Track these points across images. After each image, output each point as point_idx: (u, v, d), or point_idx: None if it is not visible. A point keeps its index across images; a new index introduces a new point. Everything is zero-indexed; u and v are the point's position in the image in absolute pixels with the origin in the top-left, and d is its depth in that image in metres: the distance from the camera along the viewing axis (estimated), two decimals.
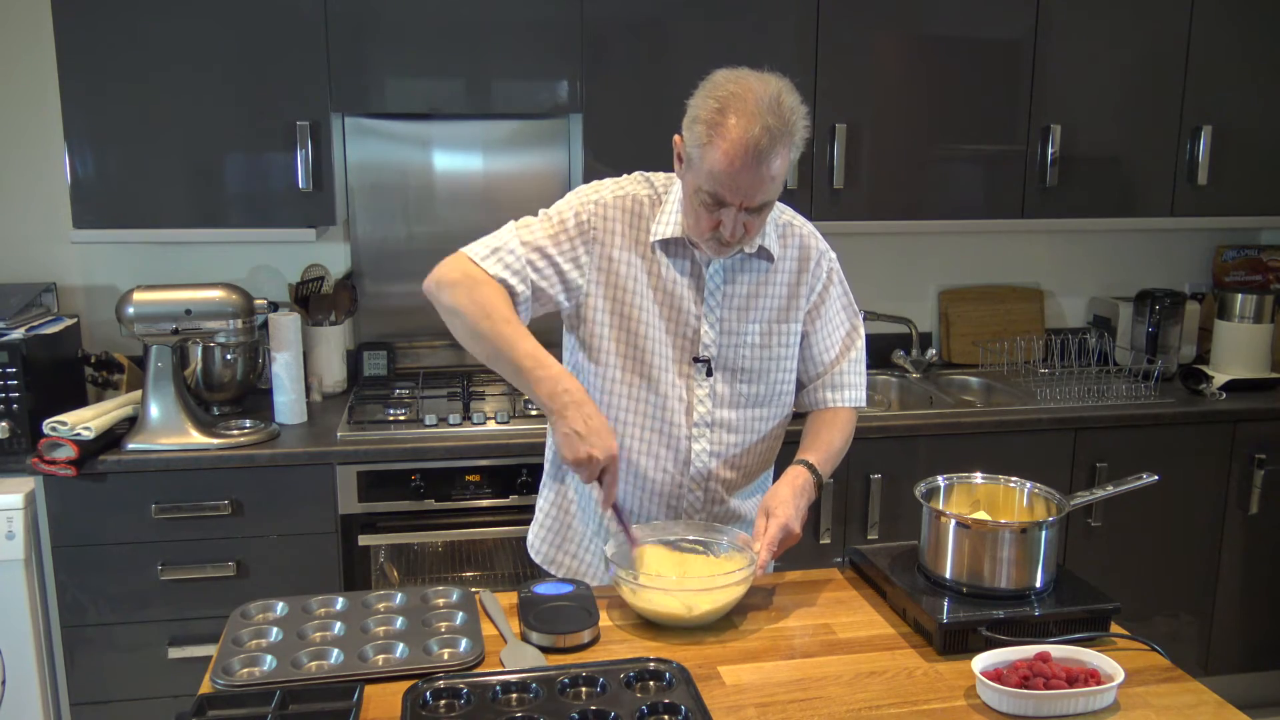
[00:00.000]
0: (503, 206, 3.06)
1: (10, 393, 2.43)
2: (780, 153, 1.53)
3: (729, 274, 1.74)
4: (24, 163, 2.87)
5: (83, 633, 2.48)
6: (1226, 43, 2.97)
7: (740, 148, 1.50)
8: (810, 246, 1.80)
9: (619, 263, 1.71)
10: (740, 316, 1.75)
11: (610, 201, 1.72)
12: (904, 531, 2.70)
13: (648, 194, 1.74)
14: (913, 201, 2.93)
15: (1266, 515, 2.99)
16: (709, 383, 1.75)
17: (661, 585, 1.56)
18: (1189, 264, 3.54)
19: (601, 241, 1.71)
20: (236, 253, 2.99)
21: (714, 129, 1.52)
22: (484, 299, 1.64)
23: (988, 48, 2.87)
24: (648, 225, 1.72)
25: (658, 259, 1.72)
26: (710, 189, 1.56)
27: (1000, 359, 3.25)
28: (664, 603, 1.54)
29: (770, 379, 1.79)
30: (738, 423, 1.78)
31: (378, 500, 2.52)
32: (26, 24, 2.79)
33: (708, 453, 1.77)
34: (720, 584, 1.55)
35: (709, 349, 1.74)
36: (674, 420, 1.75)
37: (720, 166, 1.52)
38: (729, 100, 1.52)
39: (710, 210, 1.59)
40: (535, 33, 2.65)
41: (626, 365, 1.74)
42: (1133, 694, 1.40)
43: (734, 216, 1.58)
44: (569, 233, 1.71)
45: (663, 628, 1.56)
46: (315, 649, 1.47)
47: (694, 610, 1.54)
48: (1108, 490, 1.68)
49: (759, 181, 1.54)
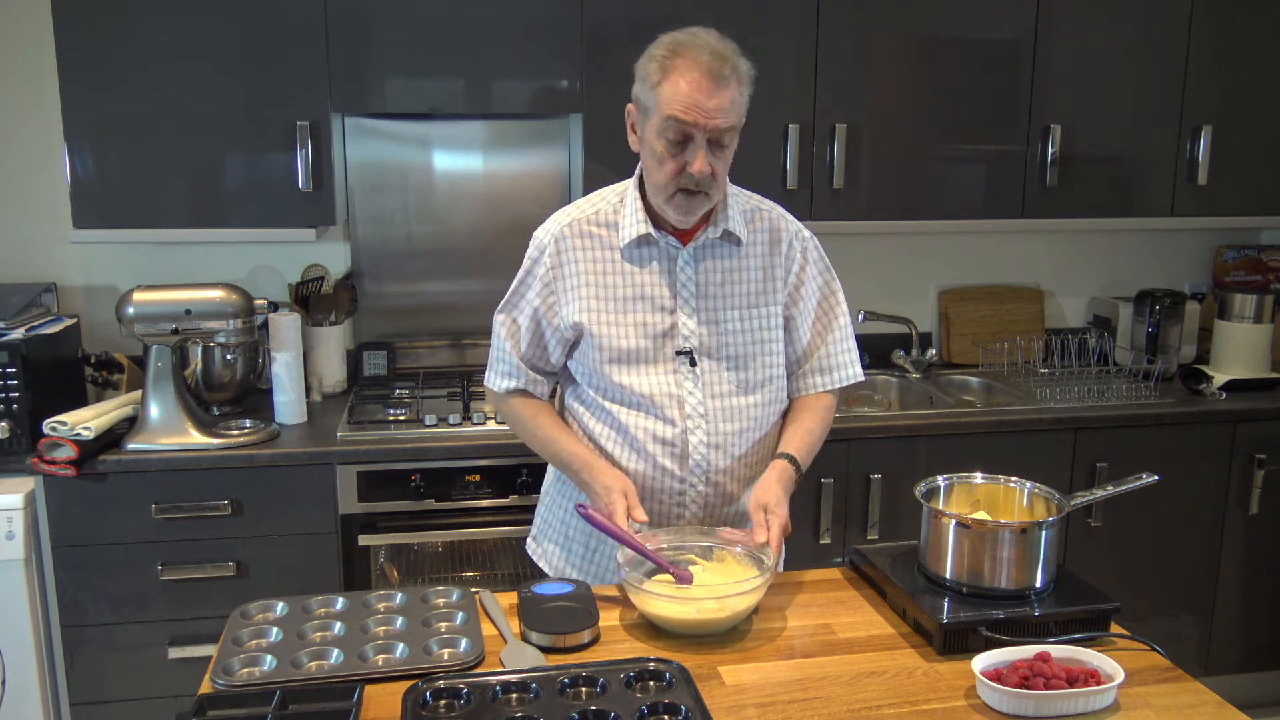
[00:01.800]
0: (503, 206, 3.07)
1: (10, 393, 2.43)
2: (733, 78, 1.60)
3: (699, 261, 1.76)
4: (24, 163, 2.87)
5: (83, 633, 2.48)
6: (1226, 43, 2.97)
7: (696, 69, 1.58)
8: (780, 229, 1.81)
9: (586, 278, 1.75)
10: (717, 304, 1.76)
11: (559, 233, 1.77)
12: (904, 531, 2.70)
13: (596, 209, 1.78)
14: (913, 201, 2.93)
15: (1266, 515, 2.99)
16: (695, 373, 1.76)
17: (708, 594, 1.54)
18: (1189, 264, 3.53)
19: (564, 267, 1.76)
20: (236, 253, 2.99)
21: (666, 63, 1.60)
22: (510, 414, 1.88)
23: (988, 48, 2.87)
24: (607, 236, 1.76)
25: (627, 261, 1.75)
26: (672, 118, 1.59)
27: (1000, 359, 3.25)
28: (706, 610, 1.53)
29: (757, 363, 1.79)
30: (731, 411, 1.78)
31: (378, 500, 2.52)
32: (26, 24, 2.79)
33: (705, 444, 1.76)
34: (751, 586, 1.54)
35: (690, 339, 1.75)
36: (668, 416, 1.75)
37: (680, 90, 1.58)
38: (675, 42, 1.62)
39: (674, 152, 1.62)
40: (535, 33, 2.65)
41: (613, 370, 1.75)
42: (1133, 694, 1.40)
43: (699, 152, 1.61)
44: (535, 283, 1.79)
45: (663, 629, 1.56)
46: (315, 649, 1.47)
47: (730, 611, 1.54)
48: (1108, 490, 1.68)
49: (719, 103, 1.58)
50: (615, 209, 1.77)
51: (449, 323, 3.13)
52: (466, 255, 3.08)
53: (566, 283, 1.76)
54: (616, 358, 1.75)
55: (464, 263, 3.09)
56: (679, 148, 1.62)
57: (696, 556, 1.67)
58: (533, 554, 1.98)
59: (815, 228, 1.85)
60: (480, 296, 3.10)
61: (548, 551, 1.93)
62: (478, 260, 3.09)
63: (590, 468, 1.74)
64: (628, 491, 1.69)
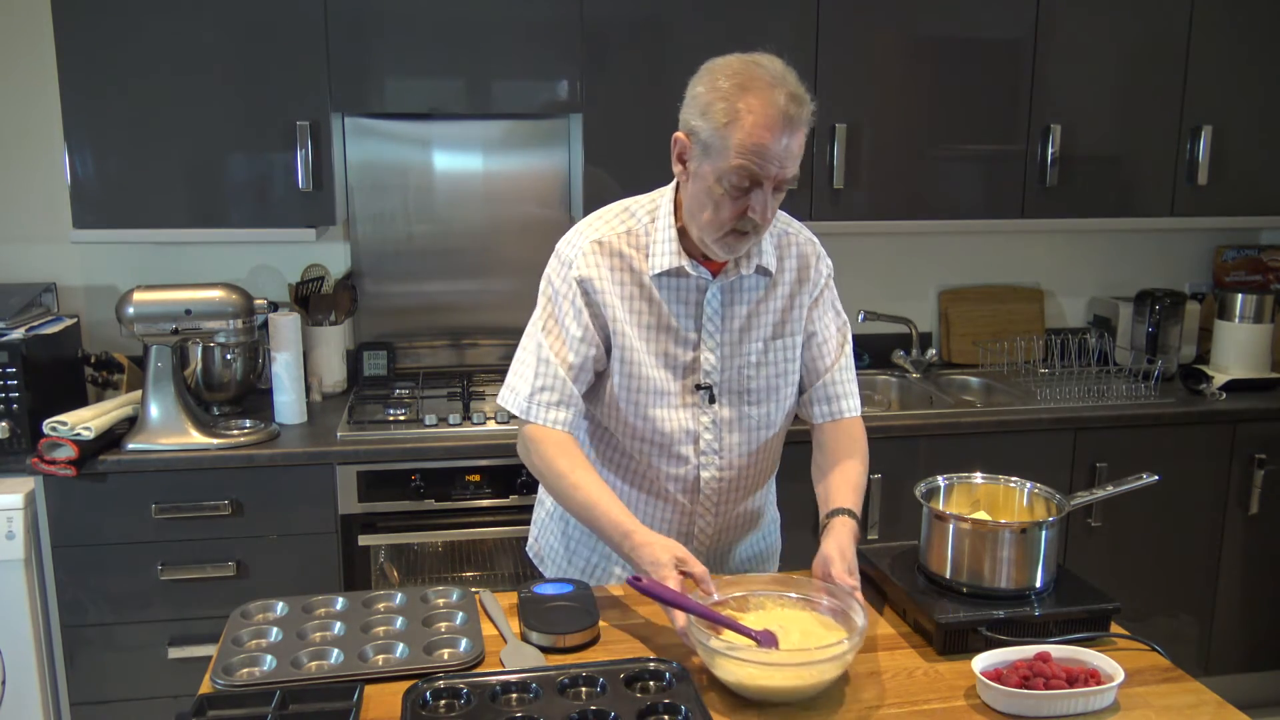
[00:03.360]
0: (503, 206, 3.07)
1: (10, 393, 2.43)
2: (804, 121, 1.50)
3: (727, 296, 1.68)
4: (24, 163, 2.87)
5: (83, 633, 2.48)
6: (1226, 43, 2.97)
7: (773, 114, 1.46)
8: (808, 254, 1.75)
9: (613, 298, 1.66)
10: (741, 338, 1.70)
11: (587, 249, 1.66)
12: (904, 531, 2.70)
13: (627, 227, 1.68)
14: (913, 201, 2.93)
15: (1266, 515, 2.99)
16: (713, 410, 1.71)
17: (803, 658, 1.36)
18: (1189, 264, 3.53)
19: (593, 282, 1.65)
20: (236, 253, 2.99)
21: (736, 103, 1.47)
22: (542, 458, 1.65)
23: (988, 48, 2.87)
24: (634, 260, 1.66)
25: (652, 292, 1.66)
26: (743, 167, 1.48)
27: (1000, 359, 3.25)
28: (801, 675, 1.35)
29: (774, 399, 1.74)
30: (744, 447, 1.75)
31: (378, 500, 2.52)
32: (26, 24, 2.79)
33: (716, 480, 1.74)
34: (848, 647, 1.36)
35: (710, 375, 1.70)
36: (680, 453, 1.72)
37: (754, 138, 1.46)
38: (743, 78, 1.48)
39: (736, 197, 1.52)
40: (535, 33, 2.65)
41: (629, 403, 1.70)
42: (1133, 694, 1.40)
43: (765, 197, 1.52)
44: (571, 294, 1.66)
45: (662, 628, 1.56)
46: (315, 649, 1.47)
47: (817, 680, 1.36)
48: (1108, 490, 1.68)
49: (790, 150, 1.49)
50: (646, 230, 1.66)
51: (449, 323, 3.13)
52: (466, 255, 3.08)
53: (598, 296, 1.65)
54: (637, 387, 1.68)
55: (464, 263, 3.09)
56: (742, 193, 1.51)
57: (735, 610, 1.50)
58: (533, 555, 1.97)
59: (815, 228, 1.84)
60: (480, 296, 3.10)
61: (551, 549, 1.92)
62: (478, 260, 3.08)
63: (630, 537, 1.54)
64: (682, 559, 1.50)
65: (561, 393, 1.65)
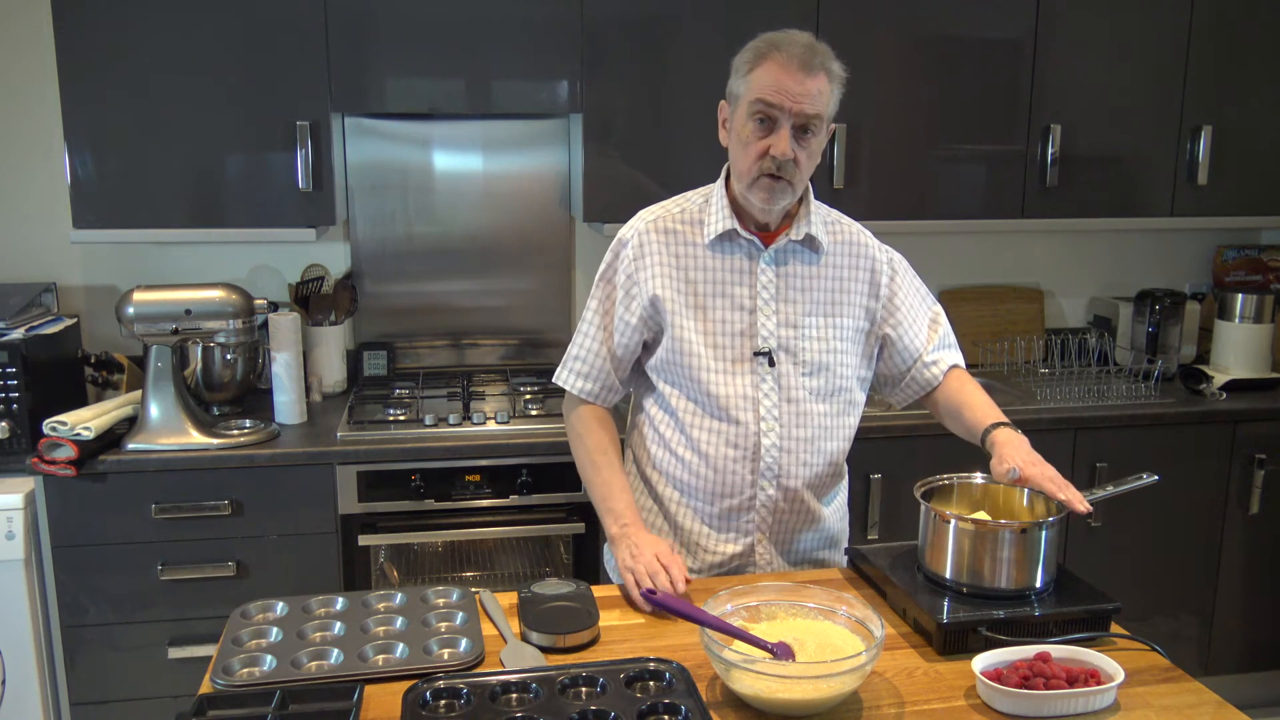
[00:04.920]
0: (503, 206, 3.07)
1: (10, 393, 2.43)
2: (823, 70, 1.65)
3: (780, 264, 1.78)
4: (24, 163, 2.87)
5: (83, 633, 2.48)
6: (1226, 43, 2.97)
7: (789, 55, 1.64)
8: (860, 243, 1.85)
9: (668, 269, 1.77)
10: (796, 308, 1.78)
11: (643, 229, 1.80)
12: (904, 531, 2.70)
13: (681, 208, 1.82)
14: (913, 201, 2.93)
15: (1266, 515, 2.99)
16: (773, 374, 1.77)
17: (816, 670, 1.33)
18: (1189, 264, 3.53)
19: (646, 258, 1.78)
20: (236, 253, 2.99)
21: (762, 52, 1.67)
22: (575, 431, 1.87)
23: (988, 47, 2.87)
24: (690, 234, 1.79)
25: (708, 260, 1.77)
26: (760, 100, 1.64)
27: (1000, 359, 3.25)
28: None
29: (831, 371, 1.80)
30: (805, 416, 1.78)
31: (378, 500, 2.52)
32: (26, 24, 2.79)
33: (777, 447, 1.77)
34: (865, 659, 1.33)
35: (768, 340, 1.77)
36: (742, 419, 1.76)
37: (771, 75, 1.64)
38: (770, 37, 1.68)
39: (760, 134, 1.66)
40: (535, 32, 2.65)
41: (690, 366, 1.77)
42: (1133, 694, 1.40)
43: (784, 134, 1.65)
44: (621, 282, 1.81)
45: (663, 628, 1.56)
46: (315, 649, 1.47)
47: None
48: (1108, 490, 1.68)
49: (806, 89, 1.63)
50: (700, 208, 1.81)
51: (449, 323, 3.13)
52: (466, 255, 3.08)
53: (648, 272, 1.78)
54: (694, 352, 1.76)
55: (464, 263, 3.09)
56: (765, 130, 1.66)
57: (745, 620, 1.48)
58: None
59: None
60: (480, 296, 3.10)
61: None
62: (478, 260, 3.09)
63: (626, 526, 1.74)
64: (659, 554, 1.67)
65: (591, 365, 1.84)
